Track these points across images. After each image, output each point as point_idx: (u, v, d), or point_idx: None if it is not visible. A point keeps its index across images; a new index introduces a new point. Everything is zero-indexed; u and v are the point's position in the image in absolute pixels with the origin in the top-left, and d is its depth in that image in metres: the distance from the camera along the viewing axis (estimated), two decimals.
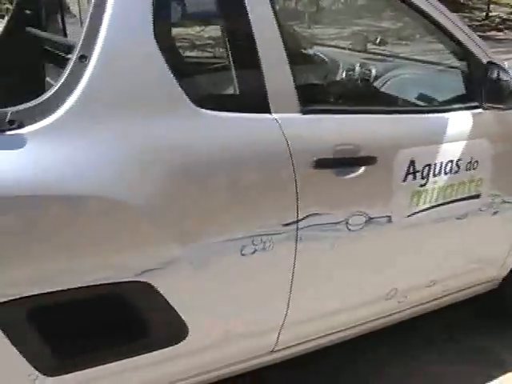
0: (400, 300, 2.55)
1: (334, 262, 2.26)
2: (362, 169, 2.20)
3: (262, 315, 2.18)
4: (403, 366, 2.79)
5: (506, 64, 2.72)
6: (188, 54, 2.30)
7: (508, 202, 2.72)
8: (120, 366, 1.91)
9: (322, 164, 2.09)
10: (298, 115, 2.11)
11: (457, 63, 2.71)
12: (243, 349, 2.20)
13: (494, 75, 2.58)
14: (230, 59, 2.08)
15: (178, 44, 2.17)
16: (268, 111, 2.05)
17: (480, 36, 2.74)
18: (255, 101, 2.05)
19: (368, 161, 2.20)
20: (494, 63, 2.61)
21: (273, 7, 2.10)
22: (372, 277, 2.40)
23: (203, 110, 1.94)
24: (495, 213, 2.69)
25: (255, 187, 2.01)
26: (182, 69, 1.96)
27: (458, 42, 2.59)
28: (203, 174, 1.92)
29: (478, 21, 15.26)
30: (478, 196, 2.58)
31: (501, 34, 15.00)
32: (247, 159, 1.99)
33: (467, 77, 2.65)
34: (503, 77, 2.59)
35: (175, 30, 2.10)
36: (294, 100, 2.11)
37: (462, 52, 2.63)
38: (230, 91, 2.15)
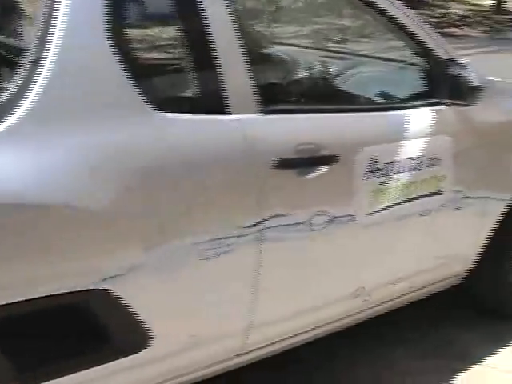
0: (366, 298, 2.54)
1: (299, 262, 2.24)
2: (324, 168, 2.18)
3: (228, 318, 2.15)
4: (371, 363, 2.79)
5: (465, 60, 2.74)
6: (144, 55, 2.25)
7: (470, 198, 2.73)
8: (83, 377, 1.86)
9: (283, 164, 2.08)
10: (259, 116, 2.09)
11: (417, 60, 2.71)
12: (211, 353, 2.17)
13: (454, 72, 2.59)
14: (188, 60, 2.05)
15: (134, 45, 2.12)
16: (228, 112, 2.02)
17: (439, 32, 2.76)
18: (215, 102, 2.02)
19: (330, 160, 2.19)
20: (454, 60, 2.63)
21: (230, 7, 2.08)
22: (338, 276, 2.39)
23: (161, 113, 1.91)
24: (458, 208, 2.70)
25: (216, 190, 1.98)
26: (138, 71, 1.91)
27: (418, 40, 2.61)
28: (163, 178, 1.89)
29: (436, 17, 15.41)
30: (440, 192, 2.59)
31: (459, 30, 15.17)
32: (207, 161, 1.96)
33: (427, 74, 2.67)
34: (462, 73, 2.61)
35: (130, 31, 2.05)
36: (255, 100, 2.09)
37: (421, 49, 2.64)
38: (189, 93, 2.11)
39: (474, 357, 2.87)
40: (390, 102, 2.62)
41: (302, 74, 2.80)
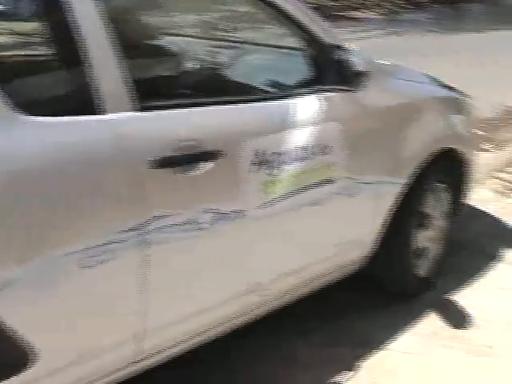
0: (264, 293, 2.49)
1: (189, 262, 2.17)
2: (208, 164, 2.10)
3: (119, 326, 2.05)
4: (272, 357, 2.74)
5: (351, 46, 2.71)
6: (6, 54, 2.11)
7: (364, 183, 2.72)
8: None
9: (163, 163, 1.98)
10: (135, 113, 1.98)
11: (303, 48, 2.66)
12: (103, 363, 2.06)
13: (340, 57, 2.56)
14: (54, 58, 1.94)
15: None
16: (100, 112, 1.91)
17: (339, 16, 2.73)
18: (85, 102, 1.90)
19: (214, 155, 2.11)
20: (340, 46, 2.59)
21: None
22: (232, 273, 2.33)
23: (27, 117, 1.77)
24: (352, 195, 2.68)
25: (91, 194, 1.87)
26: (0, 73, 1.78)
27: (303, 27, 2.55)
28: (32, 186, 1.76)
29: (335, 0, 15.57)
30: (333, 180, 2.56)
31: (359, 13, 15.41)
32: (79, 166, 1.84)
33: (314, 61, 2.62)
34: (348, 58, 2.58)
35: None
36: (131, 97, 1.98)
37: (307, 36, 2.59)
38: (56, 94, 1.98)
39: (376, 341, 2.87)
40: (276, 91, 2.56)
41: (184, 66, 2.70)
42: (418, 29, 13.01)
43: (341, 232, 2.75)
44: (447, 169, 3.34)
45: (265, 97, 2.46)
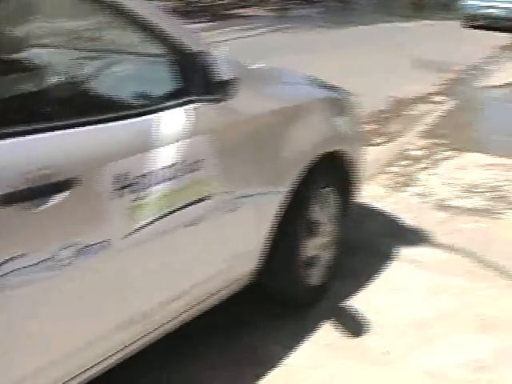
0: (147, 321, 2.32)
1: (54, 303, 1.97)
2: (64, 194, 1.90)
3: None
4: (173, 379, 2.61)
5: (220, 51, 2.57)
6: None
7: (244, 197, 2.58)
8: None
9: (8, 199, 1.77)
10: None
11: (167, 57, 2.45)
12: None
13: (205, 65, 2.41)
14: None
15: None
16: None
17: (227, 14, 2.56)
18: None
19: (69, 184, 1.92)
20: (204, 53, 2.43)
21: None
22: (104, 308, 2.14)
23: None
24: (233, 209, 2.54)
25: None
26: None
27: (163, 34, 2.36)
28: None
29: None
30: (208, 197, 2.40)
31: (248, 10, 15.38)
32: None
33: (179, 70, 2.43)
34: (214, 66, 2.43)
35: None
36: None
37: (170, 44, 2.39)
38: None
39: (272, 357, 2.77)
40: (138, 106, 2.32)
41: (41, 84, 2.44)
42: (308, 24, 13.09)
43: (225, 249, 2.61)
44: (333, 171, 3.26)
45: (126, 114, 2.24)
